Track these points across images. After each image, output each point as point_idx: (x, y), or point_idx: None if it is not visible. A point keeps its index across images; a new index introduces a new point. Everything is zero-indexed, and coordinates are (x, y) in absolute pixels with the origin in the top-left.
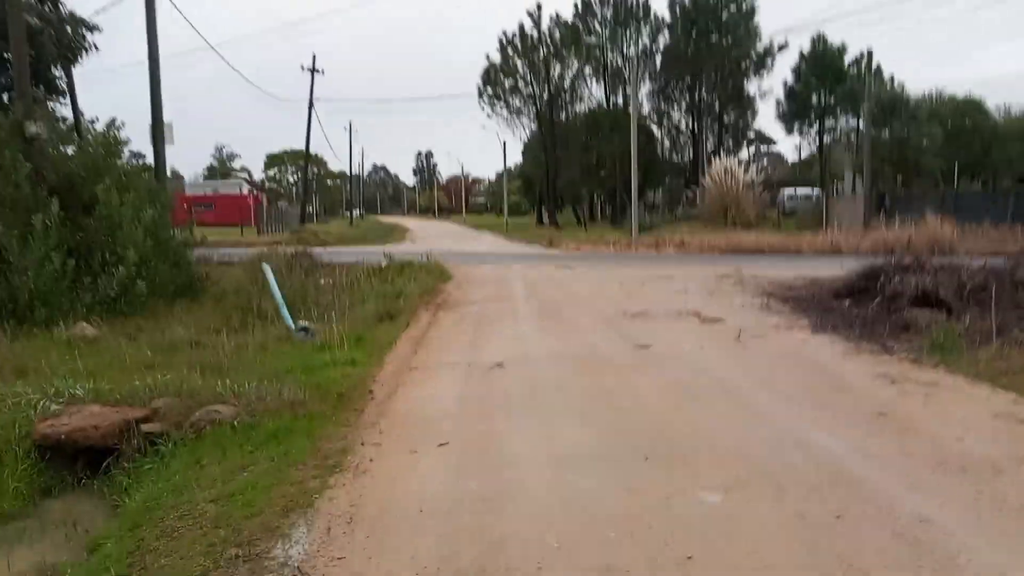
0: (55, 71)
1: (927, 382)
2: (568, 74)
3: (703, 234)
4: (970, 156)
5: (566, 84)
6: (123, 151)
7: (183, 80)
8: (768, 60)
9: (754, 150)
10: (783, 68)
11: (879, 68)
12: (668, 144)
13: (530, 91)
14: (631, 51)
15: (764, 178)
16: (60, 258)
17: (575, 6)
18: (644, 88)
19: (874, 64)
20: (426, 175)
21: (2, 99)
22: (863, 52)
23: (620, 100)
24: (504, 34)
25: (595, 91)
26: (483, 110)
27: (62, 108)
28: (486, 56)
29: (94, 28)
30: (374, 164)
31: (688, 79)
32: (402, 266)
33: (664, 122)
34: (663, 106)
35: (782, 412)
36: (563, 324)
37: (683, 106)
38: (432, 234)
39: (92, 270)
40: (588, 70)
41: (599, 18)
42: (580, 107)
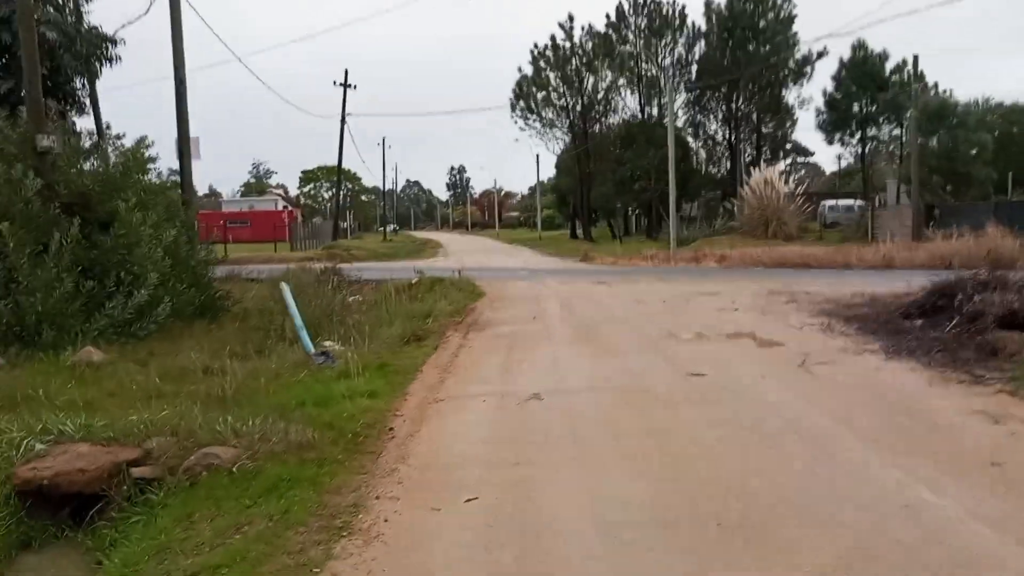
0: (76, 83)
1: None
2: (601, 85)
3: (744, 247)
4: (1019, 165)
5: (599, 96)
6: (150, 168)
7: (224, 96)
8: (807, 68)
9: (790, 161)
10: (823, 76)
11: (922, 75)
12: (704, 156)
13: (563, 103)
14: (666, 61)
15: (804, 189)
16: (72, 278)
17: (607, 16)
18: (679, 99)
19: (919, 70)
20: (459, 190)
21: (20, 112)
22: (904, 59)
23: (655, 111)
24: (535, 46)
25: (629, 102)
26: (516, 123)
27: (85, 121)
28: (518, 68)
29: (117, 42)
30: (408, 180)
31: (725, 89)
32: (432, 283)
33: (700, 133)
34: (699, 117)
35: (873, 461)
36: (603, 347)
37: (719, 117)
38: (464, 249)
39: (107, 290)
40: (622, 81)
41: (632, 27)
42: (614, 119)
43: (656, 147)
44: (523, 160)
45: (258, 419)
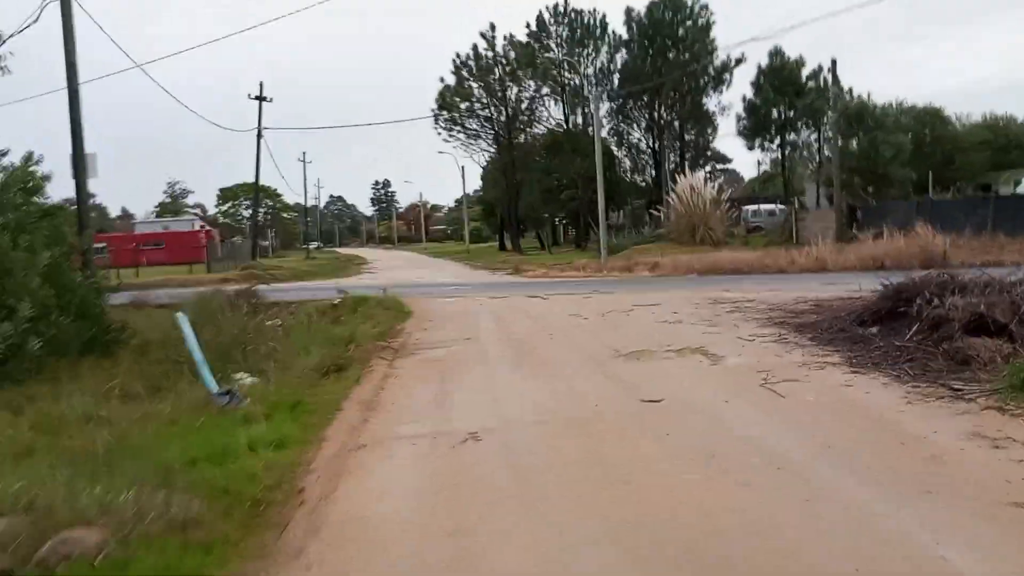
0: None
1: None
2: (525, 95)
3: (674, 254)
4: (932, 165)
5: (523, 106)
6: (43, 186)
7: (139, 116)
8: (726, 75)
9: (709, 168)
10: (742, 83)
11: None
12: (629, 164)
13: (487, 113)
14: (589, 70)
15: (734, 194)
16: None
17: (528, 25)
18: (603, 107)
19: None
20: (384, 204)
21: None
22: (820, 64)
23: (580, 120)
24: (458, 55)
25: (554, 112)
26: (440, 135)
27: None
28: (440, 78)
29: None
30: (331, 195)
31: (647, 97)
32: (356, 303)
33: (624, 142)
34: (622, 126)
35: (868, 502)
36: (545, 369)
37: (643, 125)
38: (391, 265)
39: None
40: (545, 90)
41: (554, 36)
42: (539, 129)
43: (582, 156)
44: (449, 173)
45: (135, 487)
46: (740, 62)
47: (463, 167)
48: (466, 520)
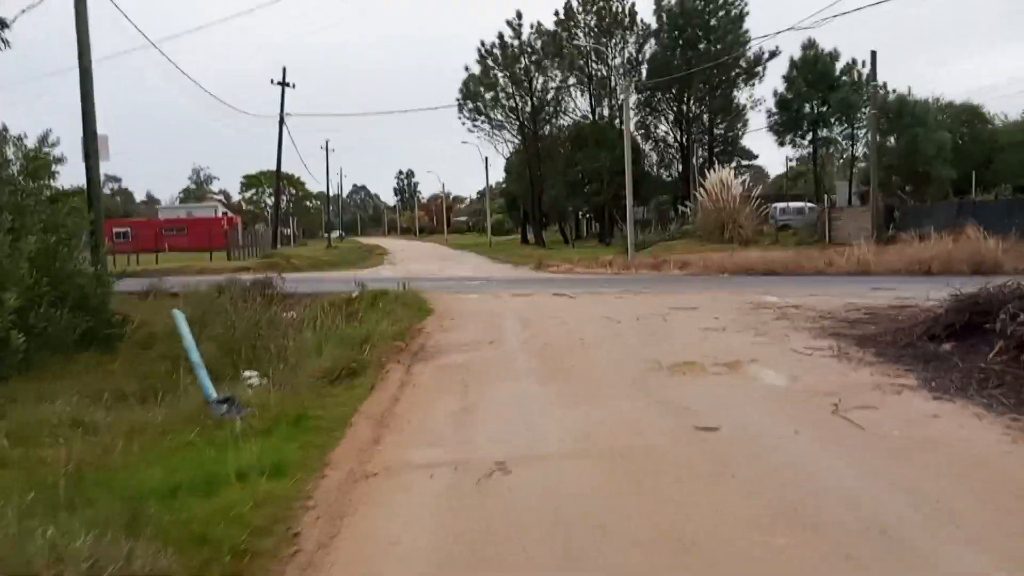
0: None
1: None
2: (551, 85)
3: (703, 252)
4: (972, 165)
5: (549, 96)
6: (55, 171)
7: (163, 100)
8: (758, 68)
9: (735, 164)
10: (774, 77)
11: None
12: (655, 158)
13: (512, 104)
14: (616, 60)
15: (760, 192)
16: None
17: (556, 13)
18: (630, 99)
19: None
20: (407, 195)
21: None
22: (854, 59)
23: (606, 112)
24: (483, 44)
25: (580, 103)
26: (464, 125)
27: None
28: (465, 67)
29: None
30: (354, 185)
31: (675, 89)
32: (375, 297)
33: (650, 136)
34: (649, 119)
35: None
36: (578, 384)
37: (670, 118)
38: (412, 256)
39: None
40: (572, 81)
41: (582, 26)
42: (564, 120)
43: (608, 149)
44: (472, 164)
45: (96, 529)
46: (774, 55)
47: (486, 158)
48: None
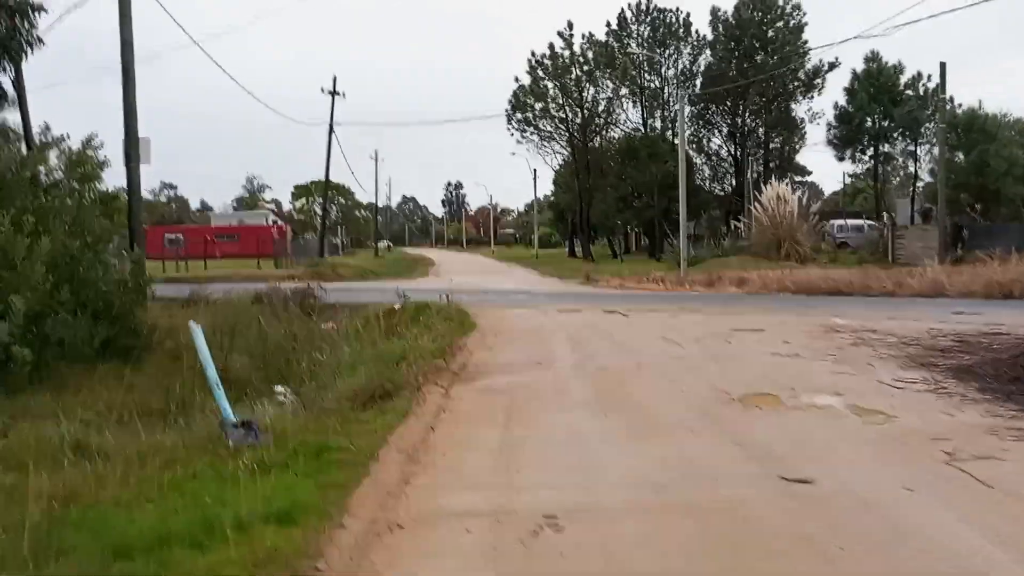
0: None
1: None
2: (602, 97)
3: (759, 269)
4: None
5: (600, 108)
6: (100, 173)
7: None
8: (817, 80)
9: (787, 180)
10: (834, 89)
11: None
12: (708, 172)
13: (562, 115)
14: (670, 72)
15: (818, 208)
16: None
17: (608, 23)
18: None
19: (936, 82)
20: (455, 206)
21: None
22: (919, 72)
23: (658, 124)
24: (533, 54)
25: (631, 115)
26: (512, 135)
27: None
28: (515, 78)
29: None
30: (403, 195)
31: (730, 102)
32: (417, 310)
33: (703, 149)
34: (702, 132)
35: None
36: (639, 417)
37: (724, 132)
38: (458, 268)
39: None
40: (623, 92)
41: (635, 36)
42: (615, 132)
43: (659, 162)
44: (520, 176)
45: None
46: (833, 66)
47: (535, 170)
48: None
